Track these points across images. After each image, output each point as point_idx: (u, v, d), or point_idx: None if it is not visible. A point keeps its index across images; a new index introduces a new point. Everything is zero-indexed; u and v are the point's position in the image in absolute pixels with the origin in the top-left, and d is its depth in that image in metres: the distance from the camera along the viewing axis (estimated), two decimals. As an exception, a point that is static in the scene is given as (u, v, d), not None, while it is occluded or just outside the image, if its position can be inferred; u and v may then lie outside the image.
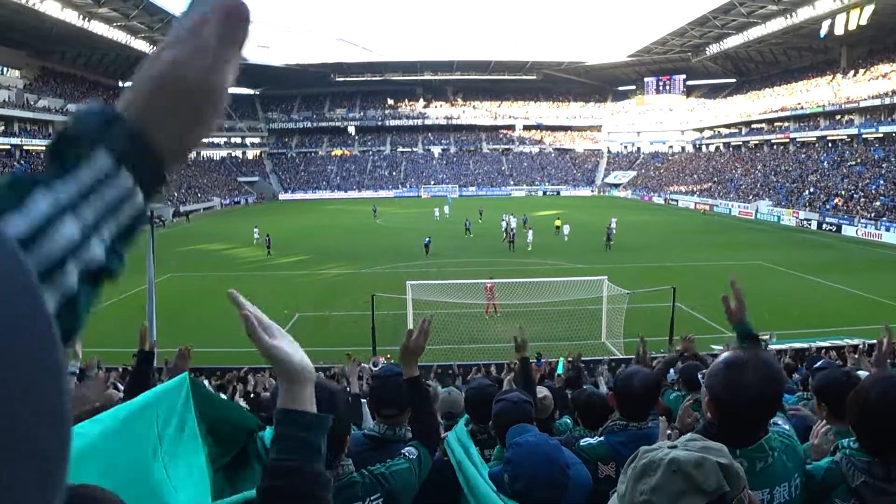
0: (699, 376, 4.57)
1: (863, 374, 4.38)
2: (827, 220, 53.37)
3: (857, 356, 11.93)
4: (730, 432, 2.07)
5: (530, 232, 41.37)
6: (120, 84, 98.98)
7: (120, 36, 74.14)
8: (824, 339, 19.77)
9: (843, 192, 56.80)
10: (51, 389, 0.51)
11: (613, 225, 43.17)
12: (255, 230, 46.49)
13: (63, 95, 78.55)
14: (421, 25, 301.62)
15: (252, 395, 11.81)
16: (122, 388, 11.44)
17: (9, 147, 65.66)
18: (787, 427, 2.31)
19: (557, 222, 49.13)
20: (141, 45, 79.97)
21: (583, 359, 18.43)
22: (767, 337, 16.16)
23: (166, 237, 51.06)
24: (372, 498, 2.23)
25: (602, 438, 3.40)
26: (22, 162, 64.59)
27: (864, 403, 2.16)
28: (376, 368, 15.57)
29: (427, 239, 40.76)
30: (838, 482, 2.19)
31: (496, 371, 16.08)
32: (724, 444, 2.06)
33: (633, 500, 1.31)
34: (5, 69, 72.12)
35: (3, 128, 66.46)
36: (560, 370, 13.66)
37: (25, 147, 68.20)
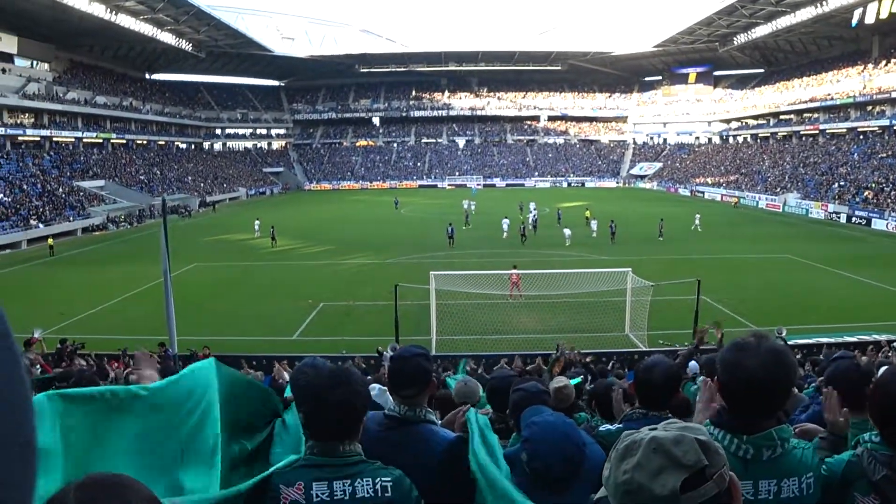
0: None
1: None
2: (857, 213, 52.56)
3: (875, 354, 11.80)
4: (736, 417, 2.10)
5: (567, 230, 40.90)
6: (147, 76, 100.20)
7: (147, 28, 74.85)
8: (852, 335, 19.51)
9: (873, 185, 55.82)
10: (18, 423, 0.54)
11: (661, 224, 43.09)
12: (256, 223, 46.69)
13: (91, 88, 79.56)
14: (445, 16, 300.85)
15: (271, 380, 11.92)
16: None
17: (38, 139, 66.63)
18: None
19: (587, 213, 48.97)
20: (167, 38, 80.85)
21: (603, 350, 18.46)
22: (777, 332, 15.94)
23: (192, 227, 51.67)
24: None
25: (621, 425, 3.41)
26: (52, 153, 65.56)
27: (886, 396, 2.13)
28: (391, 352, 15.67)
29: (449, 227, 40.83)
30: (859, 476, 2.15)
31: (521, 362, 16.10)
32: (732, 430, 2.08)
33: (616, 479, 1.35)
34: (35, 62, 73.16)
35: (33, 120, 67.50)
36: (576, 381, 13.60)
37: (55, 139, 69.21)
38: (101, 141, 76.78)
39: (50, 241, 41.90)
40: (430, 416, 2.84)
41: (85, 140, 73.80)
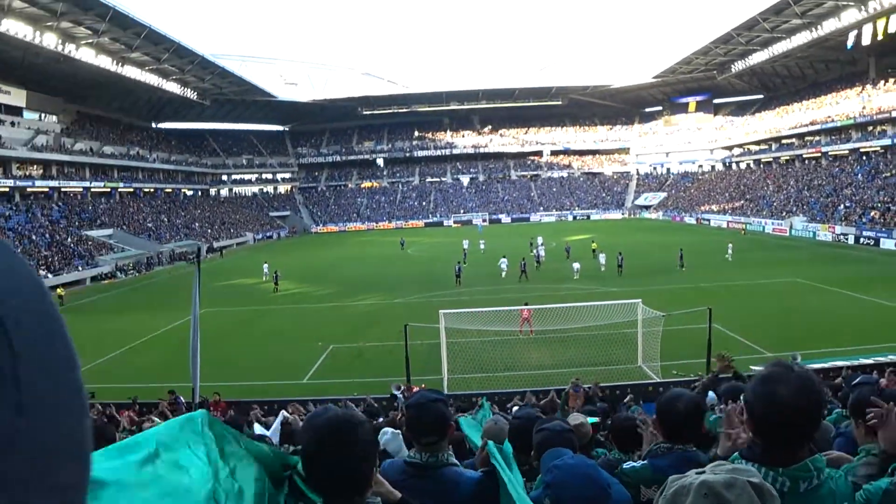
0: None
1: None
2: (864, 233, 52.38)
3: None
4: (770, 450, 2.05)
5: (576, 264, 40.72)
6: (153, 125, 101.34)
7: (152, 79, 76.09)
8: (868, 357, 19.25)
9: (879, 205, 55.72)
10: (75, 424, 0.54)
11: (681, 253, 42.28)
12: (265, 266, 46.58)
13: (99, 138, 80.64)
14: (445, 56, 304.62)
15: (284, 426, 11.79)
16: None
17: (47, 189, 67.33)
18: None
19: (594, 245, 49.12)
20: (173, 87, 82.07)
21: (617, 383, 18.28)
22: (792, 357, 15.77)
23: (200, 273, 51.72)
24: None
25: (646, 462, 3.34)
26: (60, 203, 66.14)
27: None
28: (398, 391, 15.54)
29: (457, 266, 40.81)
30: None
31: (535, 399, 15.93)
32: (767, 464, 2.02)
33: None
34: (43, 115, 74.26)
35: (41, 171, 68.24)
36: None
37: (63, 189, 69.94)
38: (108, 190, 77.52)
39: (59, 290, 41.83)
40: (451, 458, 2.79)
41: (93, 189, 74.54)
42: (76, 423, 0.55)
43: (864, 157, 69.51)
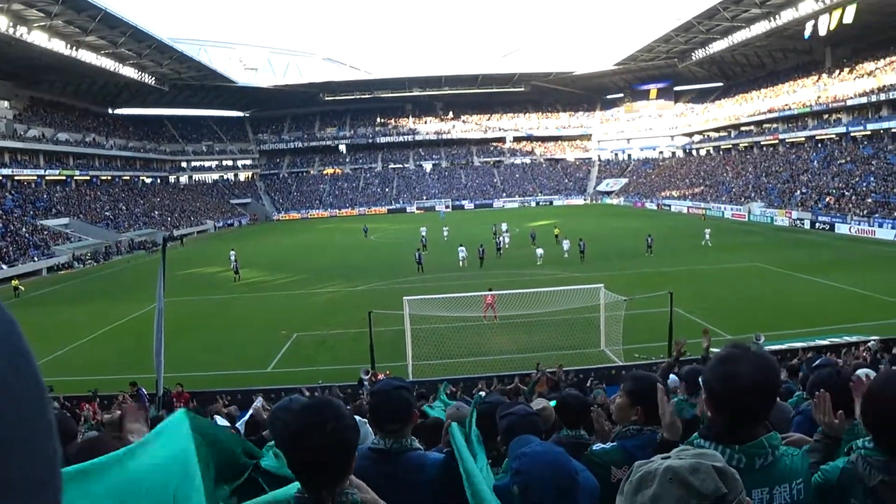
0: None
1: (861, 372, 4.37)
2: (820, 218, 53.55)
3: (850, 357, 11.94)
4: (728, 428, 2.09)
5: (539, 250, 40.94)
6: (110, 111, 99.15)
7: (108, 63, 74.16)
8: (823, 338, 19.75)
9: (834, 191, 57.03)
10: (42, 448, 0.53)
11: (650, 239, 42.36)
12: (232, 254, 45.55)
13: (53, 124, 78.60)
14: (408, 42, 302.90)
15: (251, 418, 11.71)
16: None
17: (0, 178, 65.59)
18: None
19: (556, 231, 49.48)
20: (130, 72, 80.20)
21: (580, 367, 18.49)
22: (755, 338, 16.12)
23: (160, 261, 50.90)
24: None
25: (616, 443, 3.39)
26: (13, 192, 64.53)
27: (879, 402, 2.14)
28: (366, 376, 15.52)
29: (417, 253, 40.97)
30: (854, 482, 2.16)
31: (497, 382, 16.02)
32: (724, 441, 2.07)
33: None
34: (-6, 101, 72.16)
35: (-7, 159, 66.39)
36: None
37: (16, 177, 68.22)
38: (64, 178, 75.73)
39: (14, 282, 40.74)
40: (415, 443, 2.80)
41: (48, 178, 72.76)
42: (45, 464, 0.54)
43: (820, 145, 71.04)
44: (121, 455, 1.87)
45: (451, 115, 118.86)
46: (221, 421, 10.68)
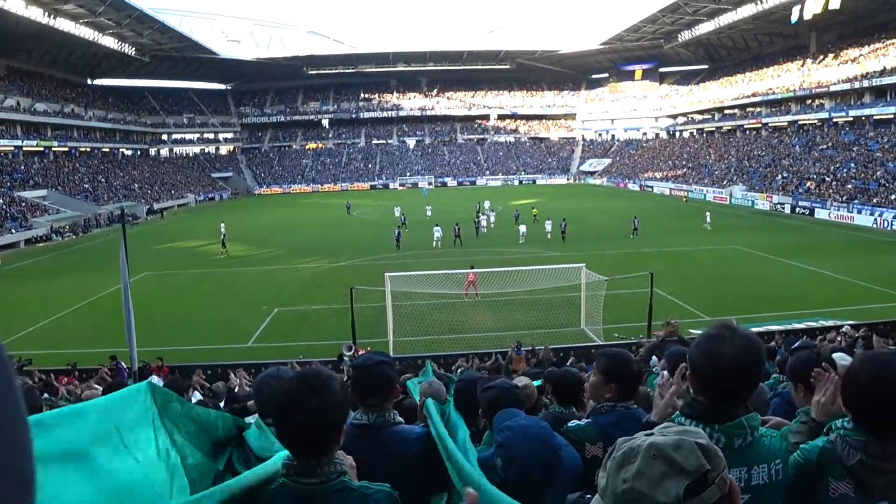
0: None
1: (837, 355, 4.43)
2: (800, 203, 53.99)
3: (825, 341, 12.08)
4: (710, 407, 2.11)
5: (522, 227, 41.07)
6: (89, 81, 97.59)
7: (87, 33, 72.88)
8: (800, 322, 19.99)
9: (815, 176, 57.48)
10: (13, 433, 0.54)
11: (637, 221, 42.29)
12: (222, 226, 45.13)
13: (31, 94, 77.13)
14: (393, 16, 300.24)
15: (231, 390, 11.72)
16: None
17: (-24, 148, 64.58)
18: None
19: (535, 211, 49.56)
20: (109, 42, 78.89)
21: (560, 346, 18.61)
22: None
23: (141, 235, 50.57)
24: None
25: (590, 420, 3.42)
26: (-10, 162, 63.56)
27: (857, 384, 2.17)
28: (348, 354, 15.51)
29: (396, 231, 40.94)
30: (833, 462, 2.19)
31: (477, 360, 16.10)
32: (705, 420, 2.08)
33: (615, 489, 1.29)
34: (-30, 69, 70.71)
35: (-30, 128, 65.22)
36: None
37: (-7, 147, 67.12)
38: (42, 149, 74.52)
39: None
40: (397, 417, 2.81)
41: (25, 149, 71.54)
42: (13, 451, 0.54)
43: (802, 130, 71.47)
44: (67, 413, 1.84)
45: (435, 91, 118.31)
46: (198, 396, 10.65)
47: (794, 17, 68.27)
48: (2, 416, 0.52)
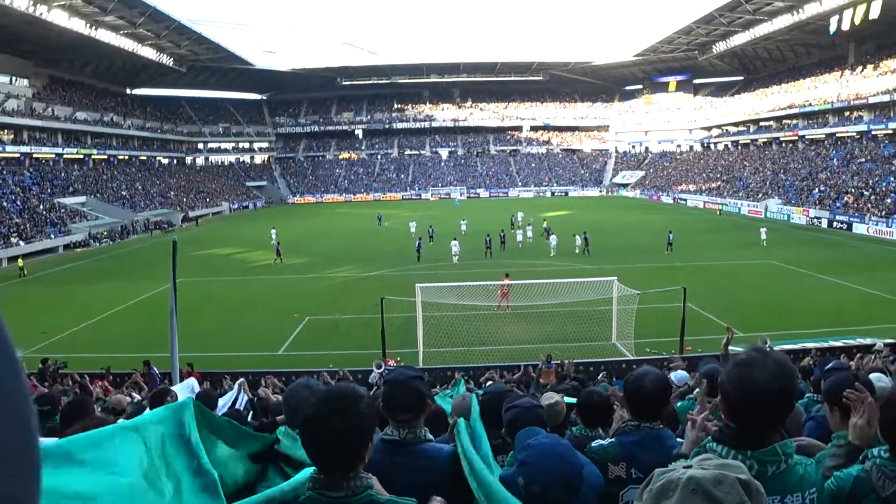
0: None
1: (874, 376, 4.31)
2: (837, 217, 53.00)
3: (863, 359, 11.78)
4: (742, 434, 2.06)
5: (553, 238, 40.54)
6: (128, 91, 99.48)
7: (127, 44, 74.47)
8: (837, 339, 19.59)
9: (853, 190, 56.42)
10: (17, 414, 0.53)
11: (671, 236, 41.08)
12: (273, 232, 45.87)
13: (71, 103, 79.00)
14: (426, 28, 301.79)
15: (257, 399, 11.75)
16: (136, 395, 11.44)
17: (18, 155, 66.07)
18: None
19: (545, 223, 48.93)
20: (148, 53, 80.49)
21: (591, 360, 18.45)
22: (762, 340, 15.96)
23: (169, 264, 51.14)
24: None
25: (613, 440, 3.38)
26: (31, 170, 64.99)
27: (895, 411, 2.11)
28: (378, 371, 15.50)
29: (417, 242, 40.98)
30: (868, 492, 2.13)
31: (506, 373, 16.02)
32: (737, 446, 2.04)
33: None
34: (14, 79, 72.45)
35: (12, 136, 66.84)
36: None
37: (35, 155, 68.68)
38: (81, 157, 76.25)
39: (20, 262, 40.16)
40: (428, 434, 2.81)
41: (66, 156, 73.28)
42: (18, 433, 0.53)
43: (840, 142, 70.26)
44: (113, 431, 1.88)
45: (468, 102, 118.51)
46: (223, 400, 10.71)
47: (833, 28, 67.30)
48: (6, 396, 0.51)
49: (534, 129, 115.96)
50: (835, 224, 52.60)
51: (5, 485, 0.49)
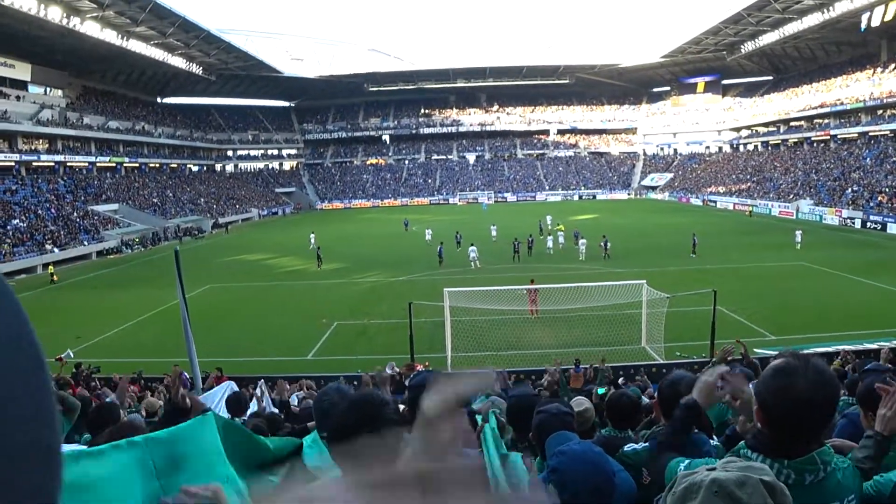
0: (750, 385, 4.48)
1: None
2: (871, 218, 52.07)
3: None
4: (780, 442, 1.99)
5: (583, 241, 40.13)
6: (158, 100, 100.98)
7: (157, 53, 75.71)
8: (872, 342, 19.21)
9: (887, 189, 55.36)
10: (42, 429, 0.53)
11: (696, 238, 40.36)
12: (312, 236, 46.30)
13: (104, 113, 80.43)
14: (452, 33, 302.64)
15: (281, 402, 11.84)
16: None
17: (53, 164, 67.36)
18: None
19: (560, 227, 48.46)
20: (178, 62, 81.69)
21: (621, 364, 18.30)
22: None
23: (205, 248, 51.88)
24: None
25: (647, 444, 3.33)
26: (66, 178, 66.16)
27: None
28: (390, 371, 15.48)
29: (439, 247, 40.88)
30: None
31: (536, 377, 15.95)
32: (773, 454, 1.98)
33: None
34: (48, 89, 74.01)
35: (47, 145, 68.22)
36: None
37: (68, 164, 69.98)
38: (114, 165, 77.56)
39: (50, 269, 41.82)
40: None
41: (98, 164, 74.56)
42: (43, 428, 0.54)
43: (873, 141, 68.98)
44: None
45: (494, 106, 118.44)
46: (254, 405, 10.80)
47: (864, 25, 66.26)
48: (31, 392, 0.52)
49: (561, 132, 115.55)
50: (868, 224, 51.68)
51: (32, 476, 0.51)
